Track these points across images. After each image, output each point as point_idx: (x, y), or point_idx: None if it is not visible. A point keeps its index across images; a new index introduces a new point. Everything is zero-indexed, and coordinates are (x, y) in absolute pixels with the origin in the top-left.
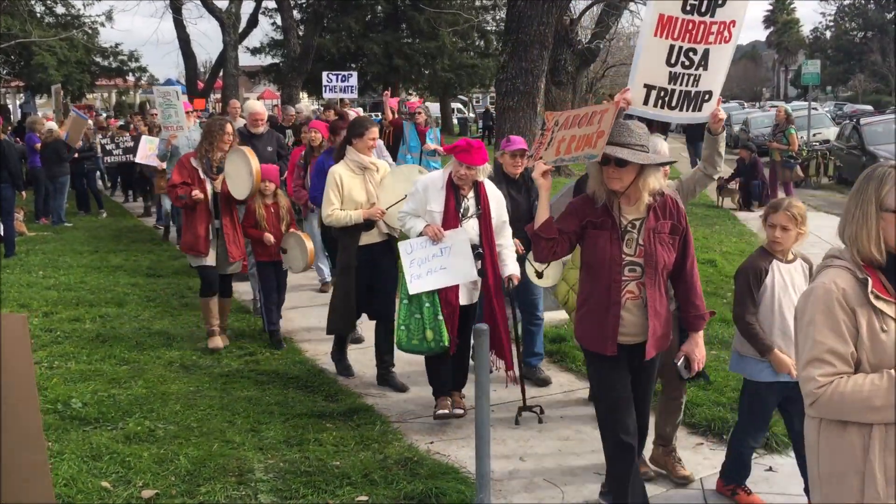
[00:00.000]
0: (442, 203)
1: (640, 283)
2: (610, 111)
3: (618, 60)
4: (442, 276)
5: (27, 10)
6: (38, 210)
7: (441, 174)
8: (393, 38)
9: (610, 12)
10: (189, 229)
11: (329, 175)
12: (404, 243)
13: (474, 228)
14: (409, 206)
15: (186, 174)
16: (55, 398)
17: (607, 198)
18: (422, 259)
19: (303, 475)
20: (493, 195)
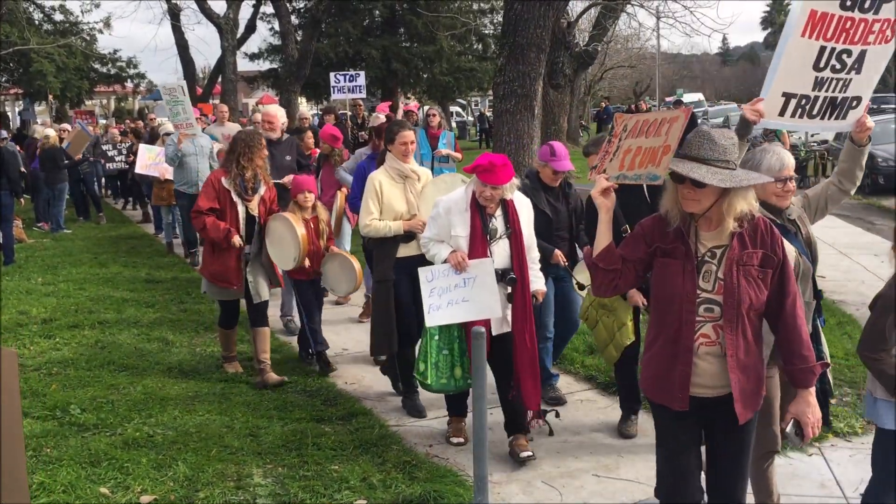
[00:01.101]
0: (467, 226)
1: (717, 326)
2: (679, 120)
3: (615, 63)
4: (462, 309)
5: (25, 17)
6: (38, 213)
7: (463, 194)
8: (391, 43)
9: (607, 15)
10: (217, 257)
11: (368, 182)
12: (425, 270)
13: (505, 250)
14: (431, 231)
15: (214, 197)
16: (54, 405)
17: (682, 220)
18: (443, 289)
19: (301, 480)
20: (522, 209)
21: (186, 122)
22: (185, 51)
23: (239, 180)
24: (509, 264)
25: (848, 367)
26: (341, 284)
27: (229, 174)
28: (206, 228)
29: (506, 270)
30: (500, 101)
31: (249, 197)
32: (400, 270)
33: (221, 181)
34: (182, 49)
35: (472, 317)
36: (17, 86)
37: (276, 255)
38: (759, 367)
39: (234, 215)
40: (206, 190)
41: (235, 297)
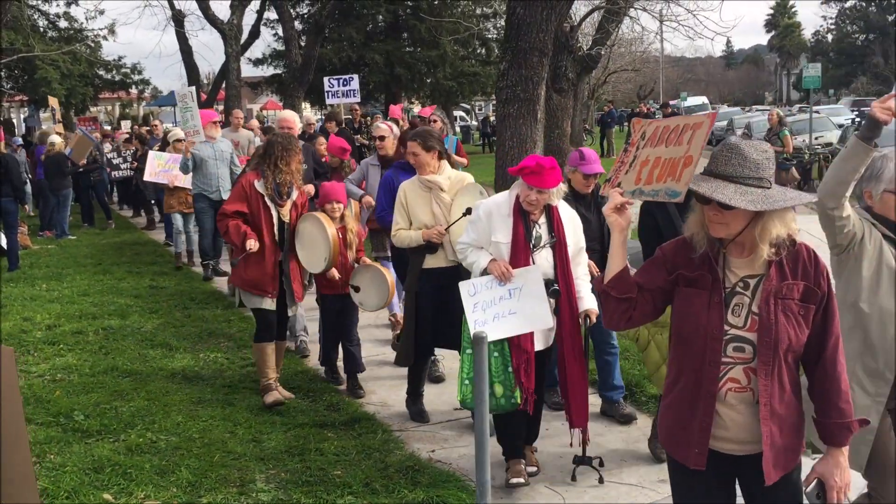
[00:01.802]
0: (509, 233)
1: (749, 370)
2: (703, 127)
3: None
4: (512, 322)
5: (30, 24)
6: (43, 222)
7: (506, 198)
8: (394, 47)
9: (610, 19)
10: (253, 264)
11: (399, 191)
12: (466, 284)
13: (548, 260)
14: (469, 235)
15: (243, 200)
16: (57, 411)
17: (709, 245)
18: (487, 302)
19: (304, 485)
20: (568, 219)
21: (194, 129)
22: (190, 57)
23: (273, 185)
24: (553, 275)
25: None
26: (371, 299)
27: (263, 178)
28: (228, 232)
29: (549, 282)
30: (503, 106)
31: (283, 202)
32: (425, 281)
33: (254, 185)
34: (186, 55)
35: (522, 329)
36: (21, 93)
37: (306, 257)
38: (796, 420)
39: (268, 221)
40: (236, 192)
41: (271, 306)
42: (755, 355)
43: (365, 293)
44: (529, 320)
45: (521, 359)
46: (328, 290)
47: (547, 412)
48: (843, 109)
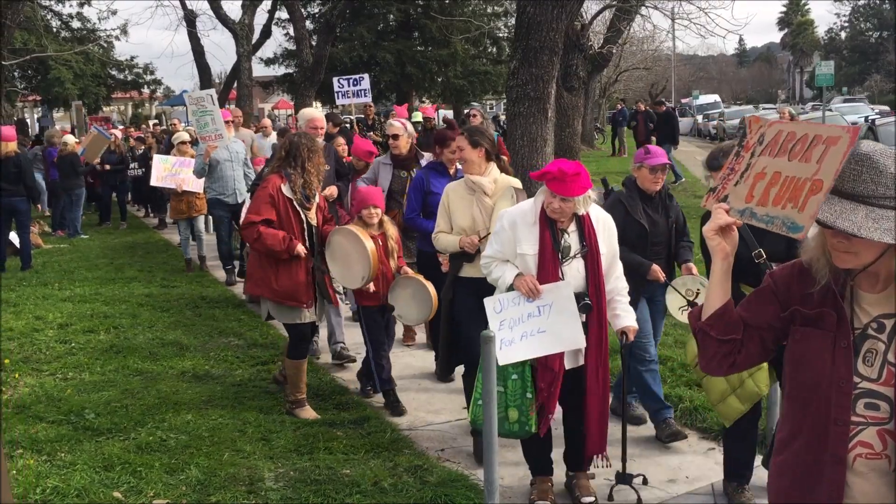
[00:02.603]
0: (535, 243)
1: (884, 432)
2: (841, 143)
3: (630, 65)
4: (541, 341)
5: (43, 25)
6: (55, 222)
7: (531, 205)
8: (405, 46)
9: (622, 17)
10: (283, 273)
11: (444, 192)
12: (491, 300)
13: (579, 272)
14: (493, 247)
15: (272, 206)
16: (69, 409)
17: (833, 276)
18: (514, 320)
19: (312, 484)
20: (601, 224)
21: (216, 133)
22: (201, 57)
23: (301, 189)
24: (584, 288)
25: None
26: (412, 311)
27: (289, 181)
28: (262, 239)
29: (579, 295)
30: (513, 105)
31: (309, 205)
32: (461, 289)
33: (282, 189)
34: (198, 55)
35: (552, 349)
36: (35, 93)
37: (341, 273)
38: None
39: (299, 227)
40: (263, 198)
41: (308, 318)
42: (892, 415)
43: (406, 306)
44: (560, 340)
45: (548, 379)
46: (369, 302)
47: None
48: (862, 107)
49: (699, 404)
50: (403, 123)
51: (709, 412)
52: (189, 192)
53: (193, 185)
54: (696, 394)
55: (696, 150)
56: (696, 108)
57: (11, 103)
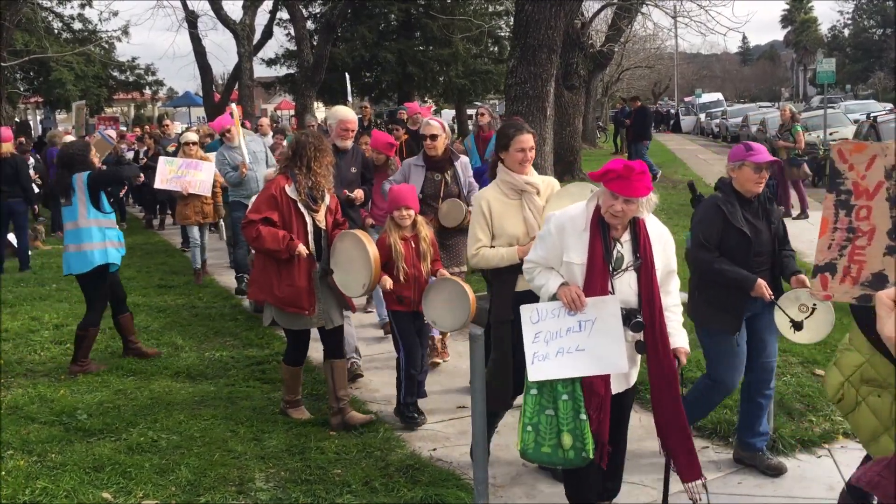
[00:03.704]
0: (584, 252)
1: None
2: None
3: (633, 63)
4: (578, 360)
5: (44, 26)
6: (55, 222)
7: (582, 209)
8: (406, 46)
9: (622, 15)
10: (284, 277)
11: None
12: (529, 308)
13: (631, 286)
14: (537, 253)
15: (274, 207)
16: (61, 410)
17: None
18: (552, 333)
19: (303, 483)
20: (657, 235)
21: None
22: (203, 57)
23: (306, 189)
24: (636, 304)
25: None
26: (446, 317)
27: (294, 181)
28: (261, 238)
29: (631, 312)
30: (512, 103)
31: (317, 207)
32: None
33: (286, 190)
34: (200, 56)
35: (589, 371)
36: (37, 94)
37: (342, 279)
38: None
39: (302, 228)
40: (265, 197)
41: (310, 325)
42: None
43: (441, 310)
44: (598, 361)
45: (593, 403)
46: (400, 307)
47: None
48: (872, 104)
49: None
50: (441, 122)
51: None
52: (196, 196)
53: (200, 189)
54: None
55: (699, 149)
56: (699, 106)
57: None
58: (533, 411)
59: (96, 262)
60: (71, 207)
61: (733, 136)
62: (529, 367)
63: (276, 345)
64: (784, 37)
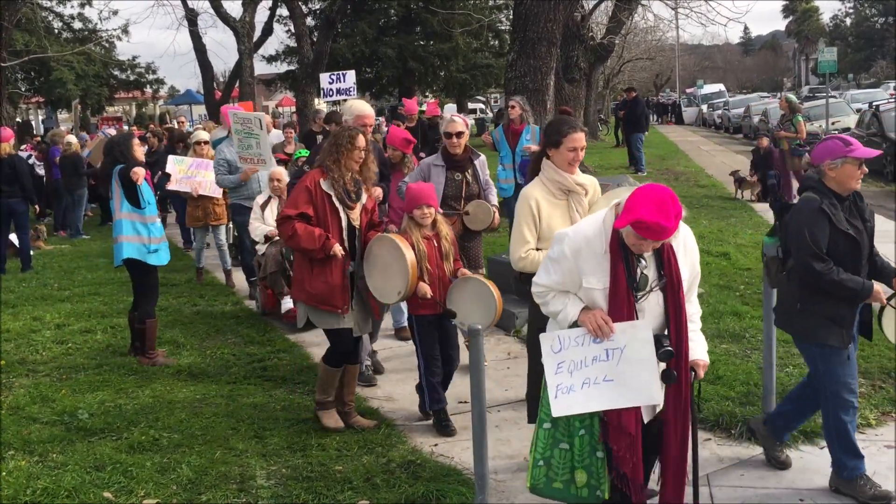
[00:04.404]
0: (605, 276)
1: None
2: None
3: (634, 55)
4: (606, 392)
5: (44, 26)
6: (57, 222)
7: (598, 230)
8: (407, 41)
9: (622, 7)
10: (317, 274)
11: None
12: (549, 337)
13: (658, 305)
14: (550, 276)
15: (308, 202)
16: (62, 410)
17: None
18: (576, 363)
19: (304, 481)
20: (680, 242)
21: (259, 157)
22: (203, 55)
23: (342, 184)
24: (663, 328)
25: (862, 358)
26: (473, 316)
27: (330, 176)
28: (297, 236)
29: (658, 339)
30: (512, 97)
31: (353, 204)
32: None
33: (321, 184)
34: (200, 53)
35: (620, 403)
36: (38, 94)
37: (377, 286)
38: None
39: (337, 226)
40: (300, 193)
41: (344, 325)
42: None
43: (467, 311)
44: (630, 393)
45: (623, 443)
46: (423, 311)
47: None
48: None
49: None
50: (465, 120)
51: (706, 402)
52: (206, 197)
53: (211, 189)
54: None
55: (701, 140)
56: (700, 97)
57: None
58: (546, 445)
59: (124, 255)
60: (112, 200)
61: (735, 126)
62: (553, 401)
63: (278, 342)
64: (786, 26)
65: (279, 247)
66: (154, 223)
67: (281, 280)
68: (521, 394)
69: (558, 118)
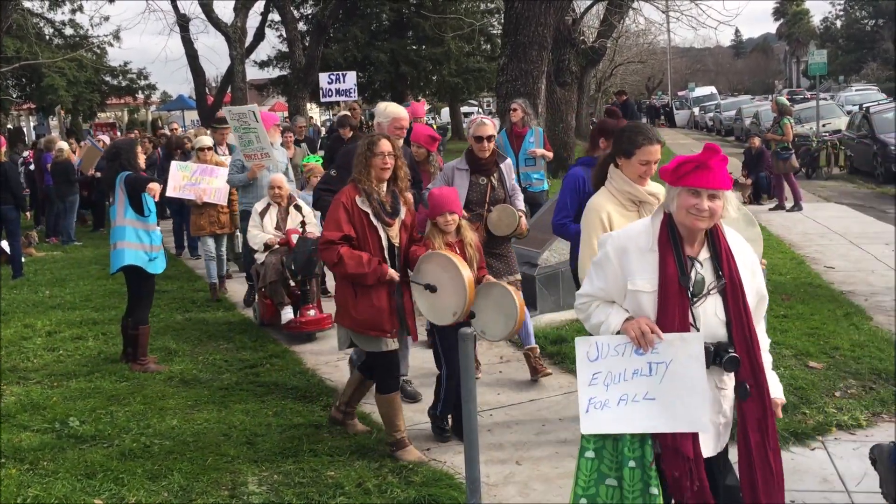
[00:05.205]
0: (654, 276)
1: None
2: None
3: (626, 59)
4: (646, 413)
5: (35, 32)
6: (48, 229)
7: (646, 226)
8: (399, 46)
9: (614, 11)
10: (362, 299)
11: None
12: (585, 342)
13: (717, 315)
14: (592, 284)
15: (348, 221)
16: (53, 417)
17: None
18: (614, 375)
19: (296, 486)
20: (738, 248)
21: (261, 151)
22: (195, 61)
23: (376, 198)
24: (726, 336)
25: (854, 359)
26: (496, 325)
27: (363, 191)
28: (343, 262)
29: (720, 347)
30: (503, 101)
31: (391, 220)
32: None
33: (356, 202)
34: (192, 59)
35: (660, 426)
36: (29, 101)
37: (428, 306)
38: None
39: (376, 245)
40: (339, 212)
41: (391, 347)
42: None
43: (489, 318)
44: (673, 416)
45: (680, 467)
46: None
47: (546, 414)
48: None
49: None
50: (493, 122)
51: None
52: (210, 205)
53: (216, 197)
54: None
55: (693, 143)
56: (692, 100)
57: (6, 112)
58: (588, 480)
59: (125, 261)
60: (114, 206)
61: (727, 129)
62: (583, 416)
63: (270, 347)
64: (777, 29)
65: (279, 255)
66: (155, 231)
67: (281, 290)
68: (514, 398)
69: (633, 126)
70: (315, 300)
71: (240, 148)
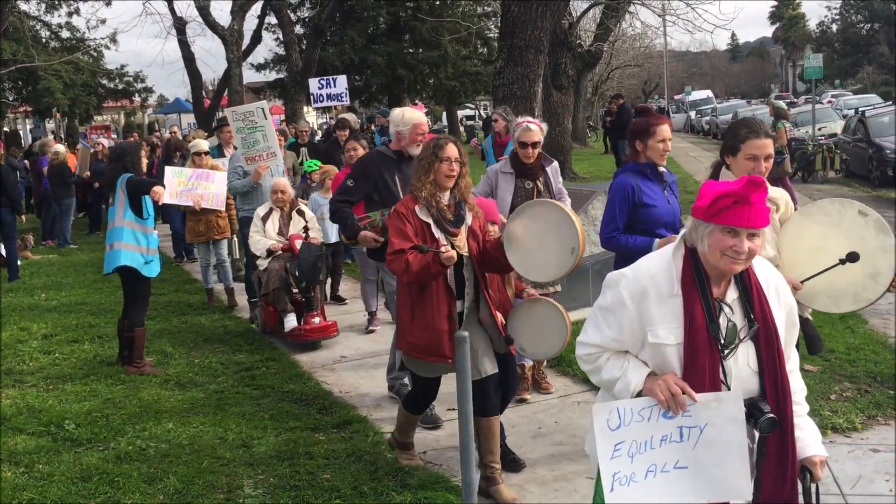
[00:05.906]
0: (679, 325)
1: None
2: None
3: (622, 62)
4: (677, 483)
5: (31, 34)
6: (45, 231)
7: (668, 265)
8: (396, 49)
9: (610, 14)
10: (419, 320)
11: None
12: (604, 409)
13: (749, 365)
14: (602, 333)
15: (412, 233)
16: (49, 420)
17: None
18: (639, 444)
19: (292, 489)
20: (765, 279)
21: (268, 151)
22: (192, 63)
23: (435, 206)
24: (758, 388)
25: (849, 362)
26: (541, 343)
27: (423, 200)
28: (411, 269)
29: (754, 406)
30: (500, 104)
31: (455, 230)
32: None
33: (416, 212)
34: (189, 62)
35: (695, 498)
36: (25, 103)
37: (529, 261)
38: None
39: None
40: (402, 223)
41: (447, 372)
42: None
43: (535, 336)
44: (710, 485)
45: None
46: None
47: (543, 416)
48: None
49: None
50: (541, 126)
51: None
52: (209, 210)
53: (214, 202)
54: None
55: (689, 146)
56: (689, 104)
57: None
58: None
59: (121, 262)
60: (113, 207)
61: (723, 133)
62: (608, 494)
63: (266, 350)
64: (773, 33)
65: (282, 262)
66: (152, 234)
67: (284, 297)
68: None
69: (739, 121)
70: (319, 307)
71: (241, 151)
